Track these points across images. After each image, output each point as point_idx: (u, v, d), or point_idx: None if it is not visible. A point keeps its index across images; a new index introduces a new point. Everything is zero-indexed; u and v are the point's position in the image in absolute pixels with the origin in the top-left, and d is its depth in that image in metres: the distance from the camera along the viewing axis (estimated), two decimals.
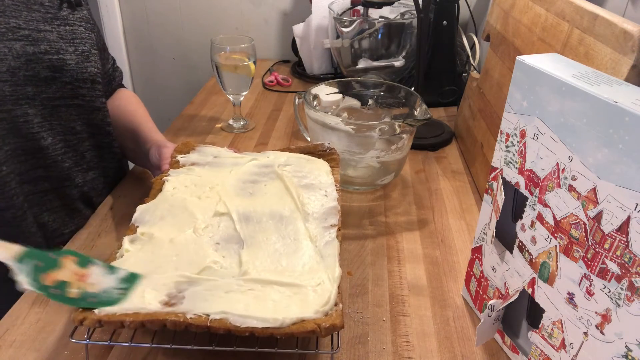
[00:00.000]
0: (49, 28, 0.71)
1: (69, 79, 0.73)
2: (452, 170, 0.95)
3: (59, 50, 0.72)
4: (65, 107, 0.75)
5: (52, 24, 0.72)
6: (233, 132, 1.07)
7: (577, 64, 0.47)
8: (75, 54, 0.74)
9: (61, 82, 0.73)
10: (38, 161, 0.73)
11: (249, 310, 0.50)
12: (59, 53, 0.72)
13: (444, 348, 0.58)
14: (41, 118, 0.72)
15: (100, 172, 0.84)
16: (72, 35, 0.75)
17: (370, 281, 0.67)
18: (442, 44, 1.18)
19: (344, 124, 0.79)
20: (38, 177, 0.73)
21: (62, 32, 0.73)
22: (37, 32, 0.70)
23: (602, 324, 0.43)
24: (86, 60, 0.76)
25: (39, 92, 0.70)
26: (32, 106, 0.70)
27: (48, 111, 0.72)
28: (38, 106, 0.71)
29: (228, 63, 1.01)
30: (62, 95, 0.73)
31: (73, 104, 0.75)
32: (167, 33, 1.56)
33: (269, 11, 1.50)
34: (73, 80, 0.74)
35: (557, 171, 0.46)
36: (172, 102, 1.65)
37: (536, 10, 0.75)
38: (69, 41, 0.74)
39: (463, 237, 0.77)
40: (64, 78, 0.73)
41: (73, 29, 0.75)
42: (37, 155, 0.72)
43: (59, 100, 0.73)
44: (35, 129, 0.71)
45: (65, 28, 0.74)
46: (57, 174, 0.76)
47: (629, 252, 0.39)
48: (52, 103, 0.72)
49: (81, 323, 0.49)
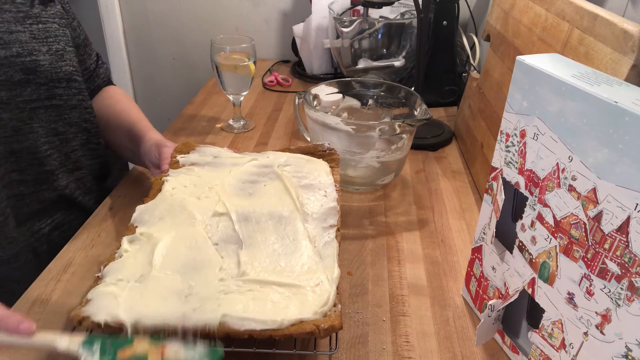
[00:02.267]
0: (21, 28, 0.69)
1: (44, 80, 0.72)
2: (452, 170, 0.95)
3: (32, 52, 0.70)
4: (44, 109, 0.73)
5: (23, 24, 0.70)
6: (233, 132, 1.06)
7: (577, 64, 0.47)
8: (49, 54, 0.72)
9: (36, 83, 0.71)
10: (11, 165, 0.72)
11: (248, 311, 0.50)
12: (32, 54, 0.70)
13: (444, 348, 0.58)
14: (19, 121, 0.70)
15: (87, 171, 0.83)
16: (46, 34, 0.73)
17: (370, 281, 0.67)
18: (442, 44, 1.18)
19: (344, 124, 0.79)
20: (12, 181, 0.72)
21: (35, 32, 0.71)
22: (8, 34, 0.68)
23: (602, 324, 0.43)
24: (60, 59, 0.74)
25: (13, 96, 0.69)
26: (6, 110, 0.68)
27: (26, 114, 0.71)
28: (14, 110, 0.69)
29: (228, 63, 1.01)
30: (38, 97, 0.72)
31: (51, 105, 0.74)
32: (167, 33, 1.56)
33: (269, 11, 1.50)
34: (48, 81, 0.72)
35: (557, 171, 0.46)
36: (172, 102, 1.65)
37: (536, 10, 0.75)
38: (42, 40, 0.72)
39: (463, 237, 0.77)
40: (38, 80, 0.71)
41: (46, 27, 0.73)
42: (9, 159, 0.71)
43: (36, 102, 0.72)
44: (9, 133, 0.70)
45: (38, 27, 0.72)
46: (35, 177, 0.75)
47: (629, 252, 0.39)
48: (30, 106, 0.71)
49: (80, 323, 0.49)
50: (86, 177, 0.83)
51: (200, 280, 0.54)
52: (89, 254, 0.69)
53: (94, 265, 0.67)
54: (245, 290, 0.53)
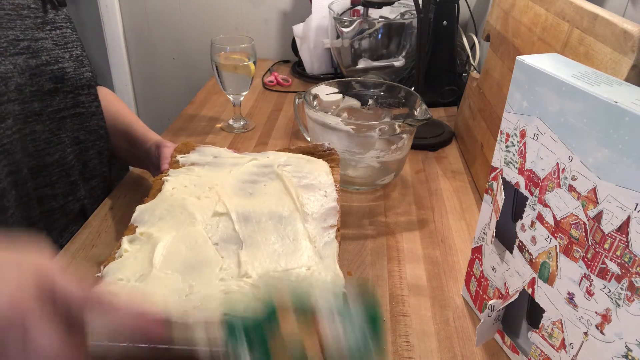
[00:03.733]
0: (43, 35, 0.68)
1: (70, 87, 0.71)
2: (452, 170, 0.95)
3: (58, 59, 0.69)
4: (70, 118, 0.73)
5: (44, 30, 0.69)
6: (233, 132, 1.06)
7: (577, 64, 0.47)
8: (71, 61, 0.72)
9: (63, 92, 0.70)
10: (44, 179, 0.71)
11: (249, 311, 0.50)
12: (58, 62, 0.69)
13: (444, 348, 0.58)
14: (49, 134, 0.69)
15: (100, 179, 0.83)
16: (64, 40, 0.72)
17: (370, 281, 0.67)
18: (442, 44, 1.18)
19: (344, 124, 0.79)
20: (44, 196, 0.71)
21: (55, 38, 0.70)
22: (34, 42, 0.67)
23: (602, 324, 0.43)
24: (81, 65, 0.74)
25: (44, 107, 0.68)
26: (39, 122, 0.67)
27: (55, 125, 0.70)
28: (45, 121, 0.68)
29: (228, 63, 1.01)
30: (65, 106, 0.71)
31: (76, 113, 0.74)
32: (167, 33, 1.56)
33: (269, 11, 1.50)
34: (73, 88, 0.72)
35: (557, 171, 0.46)
36: (172, 102, 1.65)
37: (536, 10, 0.75)
38: (62, 47, 0.71)
39: (463, 237, 0.77)
40: (65, 88, 0.71)
41: (63, 32, 0.72)
42: (41, 173, 0.70)
43: (64, 111, 0.71)
44: (42, 146, 0.69)
45: (57, 32, 0.71)
46: (63, 189, 0.73)
47: (629, 252, 0.39)
48: (58, 115, 0.70)
49: None
50: (98, 186, 0.83)
51: (200, 279, 0.54)
52: (89, 254, 0.69)
53: (94, 265, 0.67)
54: (246, 290, 0.53)
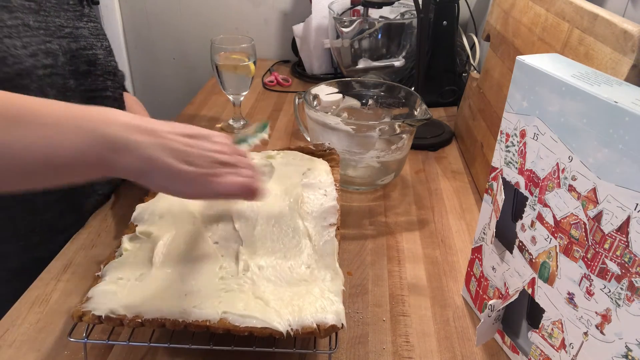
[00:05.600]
0: (82, 25, 0.75)
1: (100, 72, 0.77)
2: (452, 170, 0.95)
3: (92, 46, 0.76)
4: (100, 99, 0.78)
5: (82, 21, 0.76)
6: (233, 132, 1.06)
7: (577, 64, 0.47)
8: (102, 49, 0.78)
9: (94, 75, 0.76)
10: None
11: (249, 309, 0.50)
12: (92, 48, 0.76)
13: (444, 348, 0.58)
14: None
15: None
16: (97, 32, 0.78)
17: (370, 281, 0.67)
18: (442, 44, 1.18)
19: (344, 124, 0.79)
20: None
21: (91, 29, 0.77)
22: (75, 30, 0.73)
23: (602, 324, 0.43)
24: (109, 54, 0.80)
25: (79, 85, 0.73)
26: (73, 98, 0.72)
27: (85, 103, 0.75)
28: (78, 98, 0.73)
29: (228, 63, 1.01)
30: (96, 87, 0.77)
31: (104, 96, 0.79)
32: (167, 33, 1.56)
33: (269, 11, 1.50)
34: (103, 73, 0.78)
35: (557, 171, 0.46)
36: (172, 102, 1.65)
37: (536, 10, 0.75)
38: (96, 37, 0.77)
39: (463, 237, 0.77)
40: (96, 71, 0.76)
41: (96, 26, 0.79)
42: None
43: (94, 92, 0.77)
44: None
45: (91, 25, 0.77)
46: None
47: (629, 252, 0.39)
48: (89, 95, 0.76)
49: (80, 319, 0.49)
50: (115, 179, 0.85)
51: (200, 278, 0.54)
52: (89, 254, 0.69)
53: (94, 265, 0.67)
54: (245, 288, 0.53)
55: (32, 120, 0.38)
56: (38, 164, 0.40)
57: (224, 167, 0.47)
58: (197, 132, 0.47)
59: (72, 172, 0.43)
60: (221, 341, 0.52)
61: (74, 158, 0.40)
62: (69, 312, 0.60)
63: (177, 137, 0.45)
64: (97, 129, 0.41)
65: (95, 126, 0.41)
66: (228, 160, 0.48)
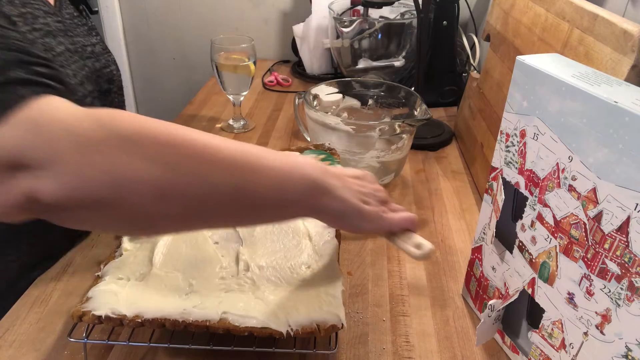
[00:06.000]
0: (94, 40, 0.73)
1: (116, 88, 0.76)
2: (452, 170, 0.95)
3: (109, 63, 0.74)
4: None
5: (92, 36, 0.73)
6: (233, 132, 1.07)
7: (577, 64, 0.47)
8: (114, 64, 0.76)
9: (113, 92, 0.75)
10: None
11: (249, 309, 0.50)
12: (109, 65, 0.74)
13: (444, 348, 0.58)
14: None
15: None
16: (104, 45, 0.76)
17: (370, 281, 0.67)
18: (442, 44, 1.18)
19: (344, 124, 0.79)
20: None
21: (101, 43, 0.75)
22: (93, 47, 0.71)
23: (602, 324, 0.43)
24: (118, 68, 0.78)
25: (102, 105, 0.72)
26: None
27: None
28: None
29: (228, 63, 1.01)
30: (113, 105, 0.75)
31: None
32: (167, 33, 1.56)
33: (269, 11, 1.50)
34: (118, 89, 0.77)
35: (557, 171, 0.46)
36: (172, 102, 1.65)
37: (536, 10, 0.75)
38: (106, 50, 0.76)
39: (463, 237, 0.77)
40: (114, 88, 0.75)
41: (101, 37, 0.77)
42: None
43: None
44: None
45: (99, 37, 0.75)
46: None
47: (629, 252, 0.39)
48: None
49: (80, 319, 0.49)
50: None
51: (200, 278, 0.54)
52: (89, 254, 0.69)
53: (94, 265, 0.67)
54: (245, 288, 0.53)
55: (262, 166, 0.41)
56: (266, 206, 0.43)
57: (384, 204, 0.51)
58: (359, 174, 0.51)
59: (286, 212, 0.46)
60: (221, 341, 0.52)
61: (294, 200, 0.44)
62: (69, 312, 0.60)
63: (353, 180, 0.49)
64: (310, 175, 0.44)
65: (308, 172, 0.44)
66: (385, 198, 0.52)
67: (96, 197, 0.36)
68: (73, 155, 0.35)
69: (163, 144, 0.37)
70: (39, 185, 0.35)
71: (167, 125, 0.39)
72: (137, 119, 0.38)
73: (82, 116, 0.36)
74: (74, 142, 0.35)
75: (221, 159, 0.39)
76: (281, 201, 0.43)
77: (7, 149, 0.34)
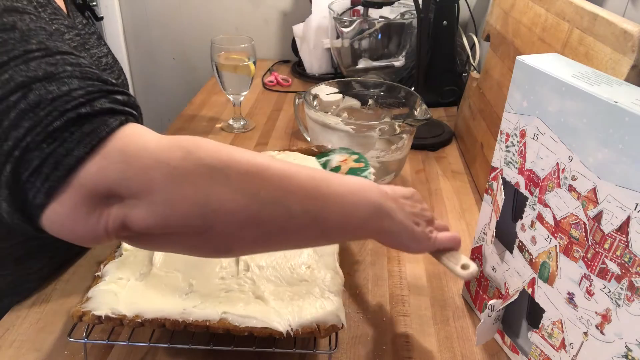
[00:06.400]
0: (106, 50, 0.72)
1: None
2: (452, 170, 0.95)
3: (121, 73, 0.73)
4: None
5: (103, 45, 0.72)
6: (233, 132, 1.06)
7: (577, 64, 0.47)
8: (123, 73, 0.75)
9: None
10: None
11: (249, 309, 0.50)
12: (121, 76, 0.73)
13: (444, 348, 0.58)
14: None
15: None
16: (112, 53, 0.75)
17: (370, 281, 0.67)
18: (442, 44, 1.18)
19: (344, 124, 0.79)
20: None
21: (110, 53, 0.74)
22: (106, 57, 0.71)
23: (602, 324, 0.43)
24: (126, 77, 0.77)
25: None
26: None
27: None
28: None
29: (228, 63, 1.01)
30: None
31: None
32: (167, 33, 1.56)
33: (269, 11, 1.50)
34: None
35: (557, 171, 0.46)
36: (172, 102, 1.65)
37: (536, 10, 0.75)
38: (116, 61, 0.75)
39: (463, 237, 0.76)
40: None
41: (106, 45, 0.76)
42: None
43: None
44: None
45: (107, 46, 0.74)
46: None
47: (629, 252, 0.39)
48: None
49: (80, 319, 0.49)
50: None
51: (200, 278, 0.54)
52: (89, 254, 0.69)
53: (94, 265, 0.67)
54: (245, 288, 0.53)
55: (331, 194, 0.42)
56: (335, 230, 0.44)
57: (430, 223, 0.53)
58: (408, 194, 0.52)
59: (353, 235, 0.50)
60: (221, 341, 0.52)
61: (360, 226, 0.45)
62: (69, 312, 0.60)
63: (405, 201, 0.50)
64: (373, 199, 0.45)
65: (371, 196, 0.45)
66: (432, 217, 0.54)
67: (186, 225, 0.37)
68: (165, 185, 0.35)
69: (247, 173, 0.38)
70: (132, 214, 0.35)
71: (249, 154, 0.39)
72: (220, 148, 0.39)
73: (168, 145, 0.37)
74: (165, 173, 0.36)
75: (297, 187, 0.40)
76: (350, 225, 0.45)
77: (103, 181, 0.35)
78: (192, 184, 0.36)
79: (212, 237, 0.38)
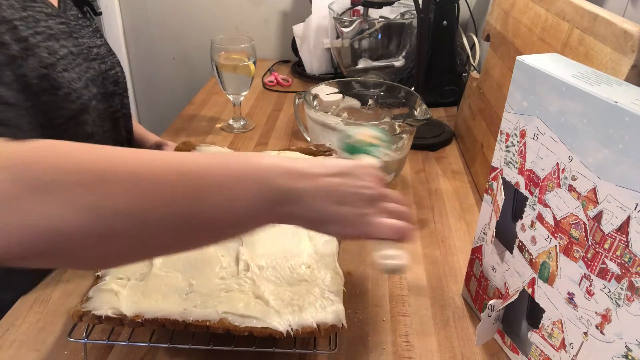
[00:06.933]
0: (99, 42, 0.72)
1: (121, 90, 0.75)
2: (452, 170, 0.95)
3: (114, 65, 0.74)
4: (122, 118, 0.76)
5: (97, 37, 0.73)
6: (233, 132, 1.06)
7: (577, 64, 0.47)
8: (118, 65, 0.76)
9: (118, 94, 0.74)
10: None
11: (249, 309, 0.50)
12: (115, 67, 0.74)
13: (444, 348, 0.58)
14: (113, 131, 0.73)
15: None
16: (109, 46, 0.76)
17: (370, 281, 0.67)
18: (442, 44, 1.18)
19: (344, 124, 0.79)
20: None
21: (106, 45, 0.74)
22: (98, 48, 0.71)
23: (602, 324, 0.43)
24: (122, 69, 0.78)
25: (108, 107, 0.71)
26: (105, 121, 0.71)
27: (112, 124, 0.73)
28: (106, 120, 0.72)
29: (228, 63, 1.01)
30: (118, 108, 0.75)
31: (123, 114, 0.77)
32: (167, 33, 1.56)
33: (269, 11, 1.50)
34: (122, 91, 0.76)
35: (557, 171, 0.46)
36: (172, 102, 1.65)
37: (536, 10, 0.75)
38: (112, 53, 0.75)
39: (463, 237, 0.77)
40: (119, 90, 0.75)
41: (105, 39, 0.76)
42: None
43: (118, 112, 0.75)
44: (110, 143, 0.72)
45: (103, 39, 0.75)
46: None
47: (629, 252, 0.39)
48: (115, 115, 0.74)
49: (80, 319, 0.49)
50: None
51: (200, 278, 0.54)
52: None
53: None
54: (245, 288, 0.53)
55: (204, 185, 0.38)
56: (219, 227, 0.40)
57: (373, 204, 0.45)
58: (344, 169, 0.45)
59: (244, 227, 0.42)
60: (221, 341, 0.52)
61: (251, 215, 0.40)
62: (69, 312, 0.60)
63: (331, 179, 0.43)
64: (265, 183, 0.40)
65: (262, 179, 0.40)
66: (374, 196, 0.45)
67: (36, 251, 0.34)
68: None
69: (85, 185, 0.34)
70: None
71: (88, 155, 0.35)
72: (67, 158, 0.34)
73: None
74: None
75: (152, 190, 0.36)
76: (237, 218, 0.39)
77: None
78: (20, 209, 0.32)
79: (76, 257, 0.35)
